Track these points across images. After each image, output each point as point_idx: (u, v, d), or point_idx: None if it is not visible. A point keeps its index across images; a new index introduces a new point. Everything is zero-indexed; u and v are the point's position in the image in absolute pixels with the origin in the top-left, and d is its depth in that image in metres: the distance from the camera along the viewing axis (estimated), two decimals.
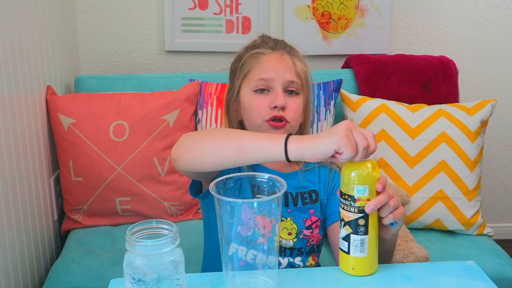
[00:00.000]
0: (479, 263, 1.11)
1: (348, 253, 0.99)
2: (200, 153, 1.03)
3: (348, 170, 0.94)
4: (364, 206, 0.94)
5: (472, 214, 1.90)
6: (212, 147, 1.02)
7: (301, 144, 0.94)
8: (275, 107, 1.20)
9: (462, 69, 2.31)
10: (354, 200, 0.95)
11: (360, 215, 0.95)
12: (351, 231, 0.97)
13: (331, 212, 1.29)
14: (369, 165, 0.94)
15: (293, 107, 1.22)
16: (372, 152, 0.93)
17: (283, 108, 1.20)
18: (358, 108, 1.99)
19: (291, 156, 0.94)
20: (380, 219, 0.99)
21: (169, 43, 2.27)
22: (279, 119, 1.21)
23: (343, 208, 0.97)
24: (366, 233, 0.96)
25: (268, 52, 1.24)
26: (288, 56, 1.24)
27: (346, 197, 0.96)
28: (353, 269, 1.00)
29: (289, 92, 1.23)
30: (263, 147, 0.97)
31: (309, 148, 0.93)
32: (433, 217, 1.90)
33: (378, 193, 0.96)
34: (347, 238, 0.97)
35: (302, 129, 1.30)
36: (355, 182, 0.94)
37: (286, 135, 0.96)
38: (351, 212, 0.96)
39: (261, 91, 1.22)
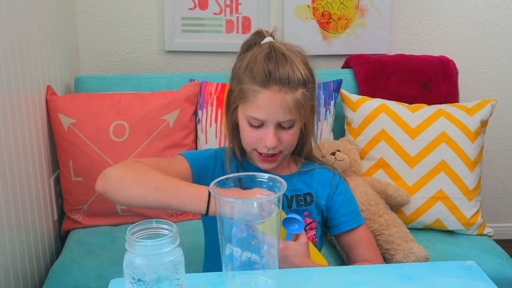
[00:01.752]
0: (479, 263, 1.11)
1: None
2: (130, 198, 1.11)
3: None
4: None
5: (472, 214, 1.89)
6: (142, 195, 1.10)
7: None
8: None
9: (462, 69, 2.31)
10: None
11: None
12: None
13: (341, 221, 1.30)
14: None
15: (286, 139, 1.20)
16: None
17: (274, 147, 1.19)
18: (358, 108, 1.99)
19: (210, 214, 1.05)
20: None
21: (169, 43, 2.27)
22: (270, 155, 1.21)
23: None
24: None
25: (262, 91, 1.16)
26: (284, 93, 1.15)
27: None
28: None
29: (284, 126, 1.19)
30: (188, 207, 1.08)
31: None
32: (433, 217, 1.90)
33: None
34: None
35: (306, 135, 1.28)
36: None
37: (207, 197, 1.05)
38: None
39: (255, 125, 1.20)
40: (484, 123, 1.95)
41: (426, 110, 1.96)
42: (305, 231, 1.22)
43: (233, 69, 1.26)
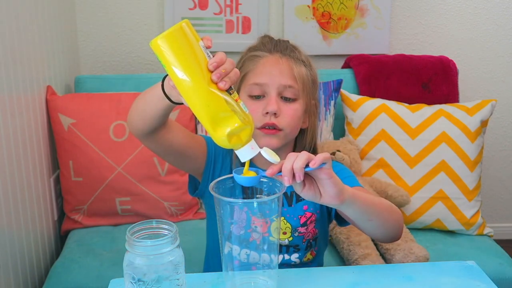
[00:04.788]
0: (479, 263, 1.11)
1: None
2: (132, 116, 1.14)
3: None
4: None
5: (472, 214, 1.90)
6: (136, 109, 1.13)
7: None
8: (267, 113, 1.16)
9: (462, 69, 2.31)
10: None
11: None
12: None
13: None
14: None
15: (288, 113, 1.18)
16: None
17: (275, 114, 1.16)
18: (358, 108, 1.99)
19: (167, 90, 1.02)
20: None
21: None
22: (271, 126, 1.17)
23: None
24: None
25: (265, 55, 1.20)
26: (287, 59, 1.19)
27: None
28: None
29: (285, 98, 1.19)
30: (152, 92, 1.08)
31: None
32: (433, 217, 1.90)
33: None
34: None
35: (305, 134, 1.25)
36: None
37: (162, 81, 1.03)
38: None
39: (257, 97, 1.19)
40: (484, 123, 1.95)
41: (426, 110, 1.96)
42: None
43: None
